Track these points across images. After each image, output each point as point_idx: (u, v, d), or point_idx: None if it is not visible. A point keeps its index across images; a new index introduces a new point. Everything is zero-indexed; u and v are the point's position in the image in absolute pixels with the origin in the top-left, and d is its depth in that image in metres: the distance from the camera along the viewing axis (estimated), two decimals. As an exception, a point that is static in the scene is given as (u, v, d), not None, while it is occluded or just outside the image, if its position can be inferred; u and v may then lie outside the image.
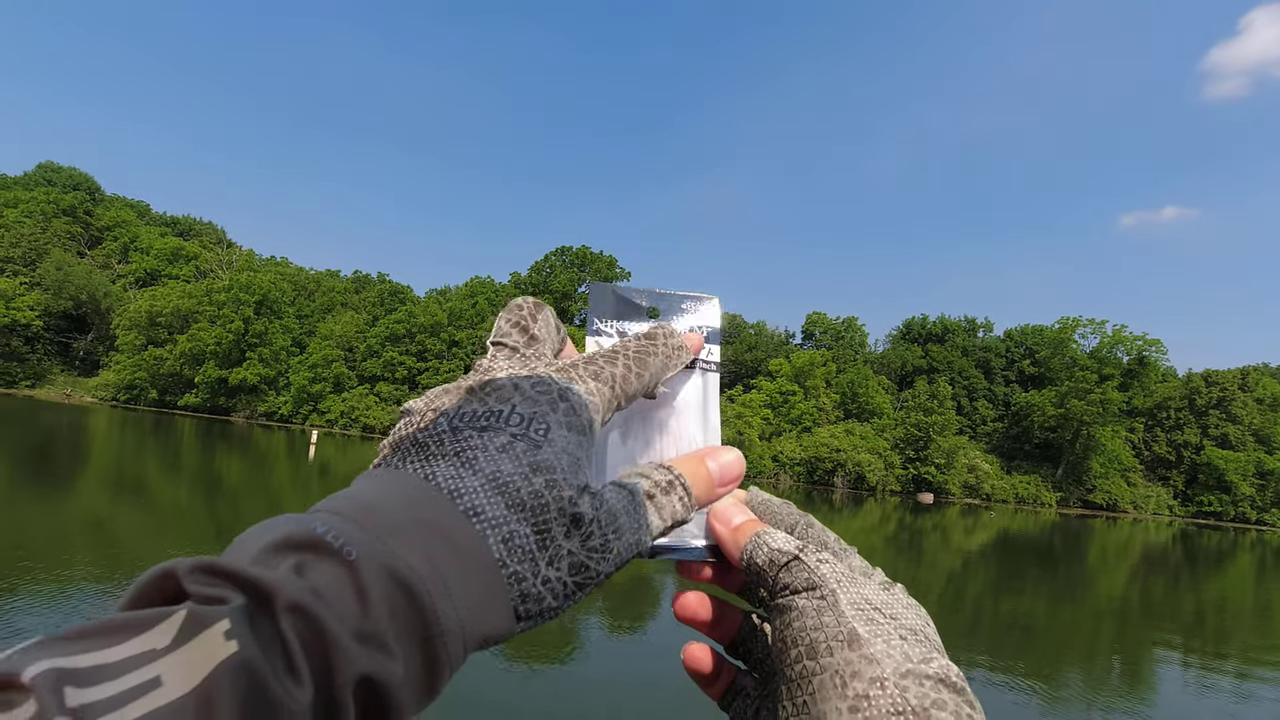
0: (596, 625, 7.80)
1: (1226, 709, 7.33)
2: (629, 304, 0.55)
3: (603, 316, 0.54)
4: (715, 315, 0.56)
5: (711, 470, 0.45)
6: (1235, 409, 54.11)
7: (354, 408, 51.22)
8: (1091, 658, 8.93)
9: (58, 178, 65.19)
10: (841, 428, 51.32)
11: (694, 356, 0.49)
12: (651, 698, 5.85)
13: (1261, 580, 21.01)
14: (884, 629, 0.38)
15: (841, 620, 0.38)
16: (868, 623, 0.38)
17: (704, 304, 0.56)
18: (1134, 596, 15.05)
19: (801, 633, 0.39)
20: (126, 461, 19.20)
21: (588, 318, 0.54)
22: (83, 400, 50.69)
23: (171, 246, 60.81)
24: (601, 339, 0.53)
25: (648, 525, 0.40)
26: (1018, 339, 62.39)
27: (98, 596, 6.43)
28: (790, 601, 0.41)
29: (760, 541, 0.44)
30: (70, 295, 53.02)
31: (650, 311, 0.55)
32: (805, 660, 0.37)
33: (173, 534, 9.96)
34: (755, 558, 0.44)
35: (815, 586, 0.40)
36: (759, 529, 0.45)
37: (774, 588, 0.43)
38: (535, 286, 64.87)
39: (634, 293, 0.56)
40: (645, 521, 0.40)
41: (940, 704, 0.33)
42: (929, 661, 0.36)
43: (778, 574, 0.43)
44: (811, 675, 0.37)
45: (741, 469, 0.47)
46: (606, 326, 0.54)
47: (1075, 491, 53.46)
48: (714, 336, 0.55)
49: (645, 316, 0.55)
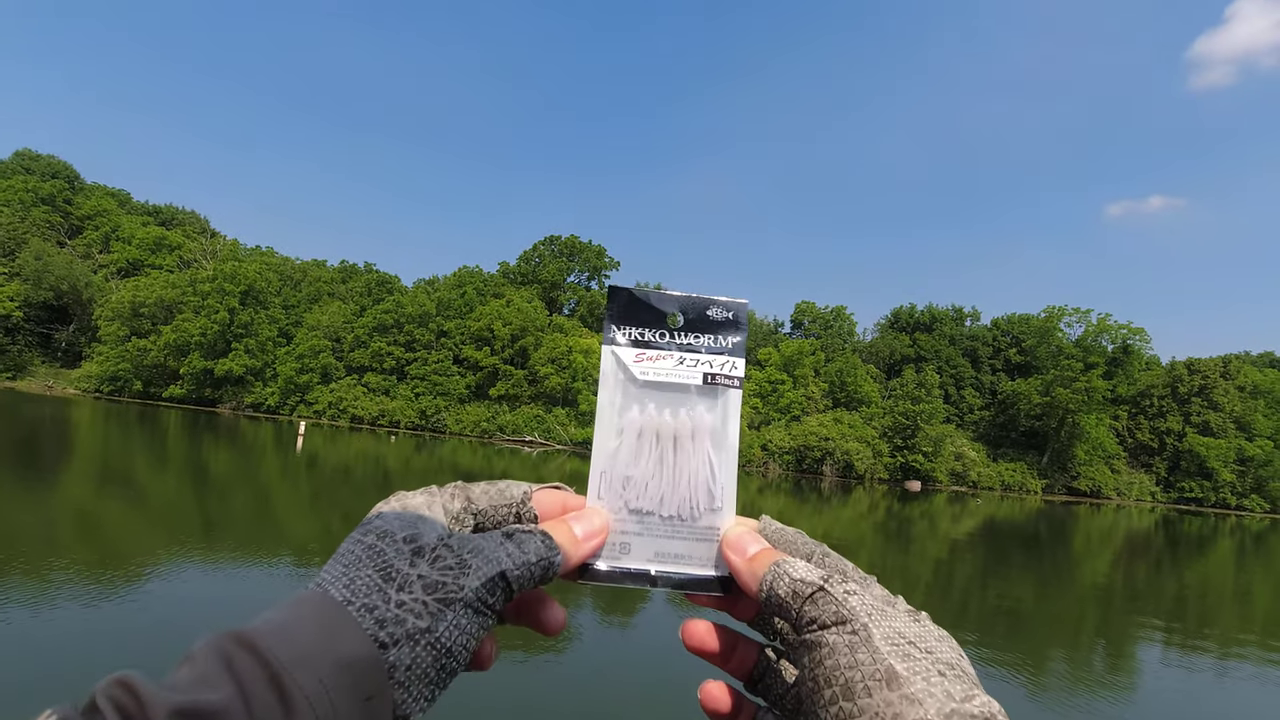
0: (588, 620, 7.81)
1: (1206, 688, 7.47)
2: (649, 308, 0.54)
3: (619, 323, 0.53)
4: (742, 320, 0.54)
5: (575, 528, 0.47)
6: (1217, 396, 54.96)
7: (342, 398, 50.87)
8: (1076, 641, 9.07)
9: (36, 166, 63.91)
10: (830, 416, 51.59)
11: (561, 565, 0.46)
12: (646, 693, 5.87)
13: (1241, 564, 21.41)
14: (922, 665, 0.36)
15: (877, 657, 0.36)
16: (904, 659, 0.36)
17: (731, 310, 0.54)
18: (1117, 581, 15.29)
19: (835, 671, 0.37)
20: (112, 453, 18.98)
21: (605, 323, 0.53)
22: (65, 392, 49.97)
23: (154, 236, 59.84)
24: (620, 350, 0.52)
25: (510, 552, 0.42)
26: (1005, 328, 62.88)
27: (82, 591, 6.36)
28: (819, 637, 0.40)
29: (781, 571, 0.43)
30: (50, 286, 52.13)
31: (671, 318, 0.54)
32: (841, 702, 0.36)
33: (160, 527, 9.86)
34: (776, 589, 0.43)
35: (845, 620, 0.39)
36: (777, 558, 0.44)
37: (799, 621, 0.41)
38: (524, 276, 64.51)
39: (656, 296, 0.54)
40: (508, 549, 0.42)
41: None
42: (970, 699, 0.35)
43: (802, 606, 0.41)
44: (850, 717, 0.36)
45: (605, 524, 0.49)
46: (621, 335, 0.53)
47: (1060, 478, 54.17)
48: (739, 349, 0.53)
49: (665, 323, 0.53)
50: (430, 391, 51.93)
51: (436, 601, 0.38)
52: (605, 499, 0.50)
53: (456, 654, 0.39)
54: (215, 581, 7.23)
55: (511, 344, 52.66)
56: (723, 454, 0.51)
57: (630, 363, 0.52)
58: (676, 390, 0.52)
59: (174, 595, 6.58)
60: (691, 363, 0.52)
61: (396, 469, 23.69)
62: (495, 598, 0.41)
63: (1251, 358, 65.36)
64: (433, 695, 0.38)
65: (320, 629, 0.34)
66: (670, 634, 7.60)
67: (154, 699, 0.27)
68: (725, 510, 0.50)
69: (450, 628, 0.38)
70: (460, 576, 0.39)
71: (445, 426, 50.54)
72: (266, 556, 8.51)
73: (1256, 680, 7.96)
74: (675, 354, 0.53)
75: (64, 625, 5.49)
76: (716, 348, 0.53)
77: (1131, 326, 55.73)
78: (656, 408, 0.51)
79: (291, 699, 0.31)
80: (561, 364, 50.38)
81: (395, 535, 0.41)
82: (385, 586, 0.38)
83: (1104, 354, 56.11)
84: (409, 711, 0.36)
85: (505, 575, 0.41)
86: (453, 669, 0.39)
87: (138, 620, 5.76)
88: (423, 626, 0.37)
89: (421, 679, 0.37)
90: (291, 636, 0.33)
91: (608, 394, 0.52)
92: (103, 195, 65.70)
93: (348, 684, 0.33)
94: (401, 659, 0.36)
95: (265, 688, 0.30)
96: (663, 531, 0.50)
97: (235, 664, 0.31)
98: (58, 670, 4.67)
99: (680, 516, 0.50)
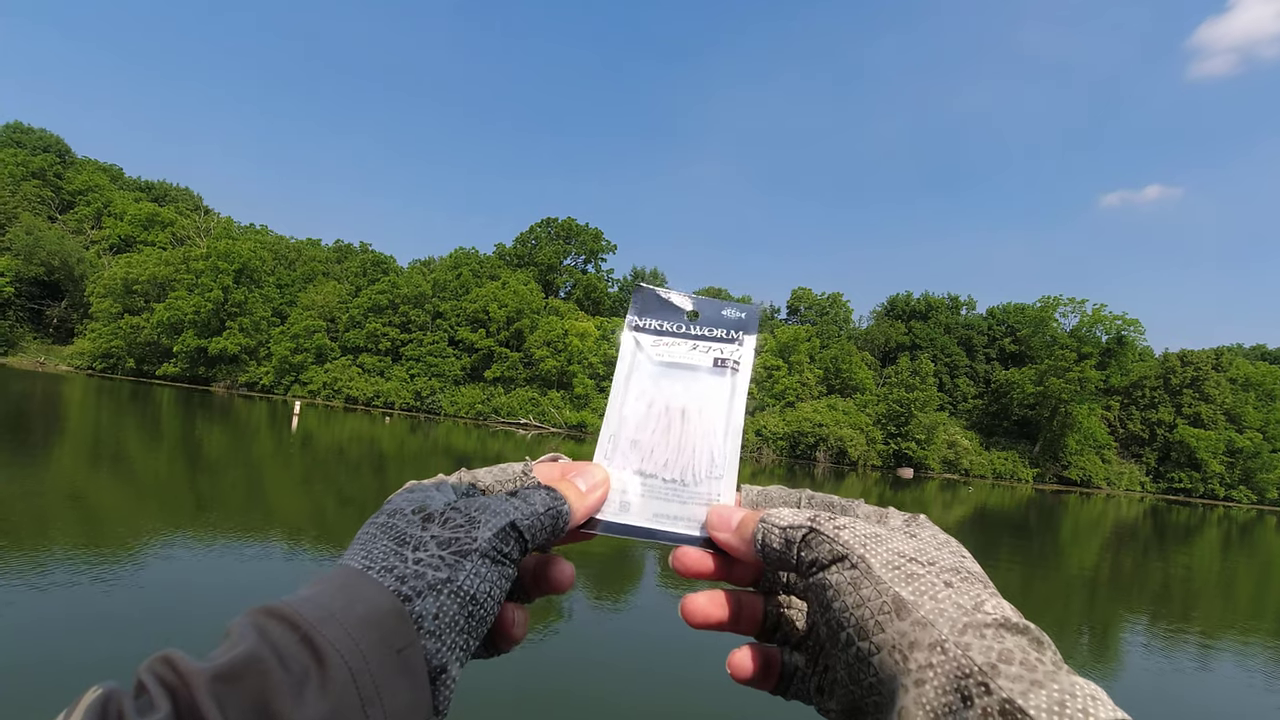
0: (580, 600, 7.86)
1: (1187, 672, 7.59)
2: (669, 306, 0.58)
3: (642, 314, 0.58)
4: (753, 320, 0.58)
5: (578, 482, 0.49)
6: (1208, 389, 55.30)
7: (336, 379, 50.78)
8: (1063, 627, 9.19)
9: (27, 139, 63.07)
10: (824, 403, 51.78)
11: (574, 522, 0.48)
12: (640, 675, 5.92)
13: (1227, 554, 21.67)
14: (926, 581, 0.36)
15: (881, 589, 0.36)
16: (908, 581, 0.36)
17: (744, 311, 0.58)
18: (1104, 569, 15.46)
19: (844, 613, 0.37)
20: (104, 430, 18.93)
21: (628, 315, 0.58)
22: (57, 368, 49.74)
23: (146, 212, 59.23)
24: (640, 335, 0.57)
25: (517, 505, 0.44)
26: (1000, 317, 63.00)
27: (73, 568, 6.36)
28: (822, 579, 0.40)
29: (769, 525, 0.43)
30: (42, 261, 51.67)
31: (690, 314, 0.58)
32: (859, 642, 0.36)
33: (154, 505, 9.86)
34: (770, 542, 0.43)
35: (843, 556, 0.39)
36: (762, 514, 0.45)
37: (800, 567, 0.41)
38: (520, 258, 64.19)
39: (677, 295, 0.58)
40: (515, 503, 0.44)
41: (1007, 656, 0.32)
42: (981, 605, 0.35)
43: (798, 552, 0.41)
44: (869, 655, 0.35)
45: (606, 477, 0.51)
46: (645, 323, 0.57)
47: (1051, 468, 54.58)
48: (749, 345, 0.57)
49: (684, 318, 0.58)
50: (425, 373, 51.86)
51: (452, 554, 0.39)
52: (612, 460, 0.53)
53: (482, 601, 0.39)
54: (208, 560, 7.24)
55: (507, 326, 52.54)
56: (728, 426, 0.53)
57: (648, 345, 0.57)
58: (688, 369, 0.56)
59: (166, 573, 6.59)
60: (704, 349, 0.57)
61: (391, 450, 23.69)
62: (510, 547, 0.42)
63: (1244, 350, 65.78)
64: (467, 645, 0.39)
65: (344, 592, 0.36)
66: (662, 618, 7.66)
67: (194, 670, 0.29)
68: (726, 478, 0.52)
69: (470, 575, 0.39)
70: (472, 530, 0.41)
71: (440, 408, 50.53)
72: (259, 536, 8.52)
73: (1236, 664, 8.10)
74: (689, 341, 0.57)
75: (55, 603, 5.50)
76: (728, 339, 0.57)
77: (1126, 317, 55.87)
78: (669, 382, 0.55)
79: (323, 652, 0.32)
80: (557, 347, 50.30)
81: (405, 510, 0.42)
82: (401, 549, 0.39)
83: (1098, 344, 56.27)
84: (445, 661, 0.37)
85: (516, 525, 0.42)
86: (481, 617, 0.39)
87: (129, 598, 5.78)
88: (443, 577, 0.38)
89: (451, 627, 0.37)
90: (317, 602, 0.35)
91: (624, 369, 0.56)
92: (94, 170, 64.96)
93: (376, 638, 0.34)
94: (427, 609, 0.37)
95: (297, 646, 0.32)
96: (664, 494, 0.51)
97: (267, 630, 0.32)
98: (50, 648, 4.68)
99: (683, 480, 0.52)
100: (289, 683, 0.30)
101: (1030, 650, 0.32)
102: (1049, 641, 0.33)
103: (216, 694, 0.29)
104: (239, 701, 0.29)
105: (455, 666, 0.38)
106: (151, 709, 0.28)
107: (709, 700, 5.23)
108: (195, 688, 0.28)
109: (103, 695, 0.28)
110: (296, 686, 0.30)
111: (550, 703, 4.99)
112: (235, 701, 0.29)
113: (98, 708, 0.27)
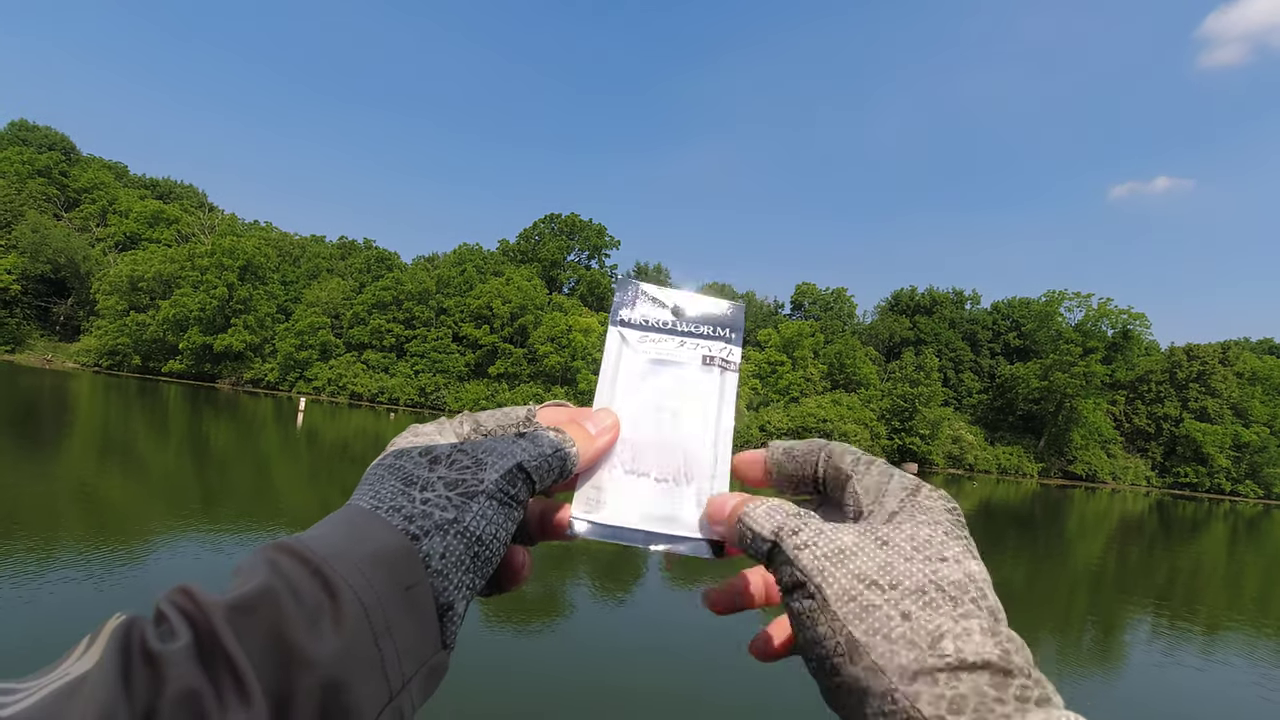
0: (584, 589, 7.89)
1: (1192, 665, 7.57)
2: (654, 301, 0.57)
3: (627, 309, 0.56)
4: (740, 318, 0.57)
5: (586, 425, 0.49)
6: (1215, 383, 55.03)
7: (341, 375, 50.91)
8: (1067, 621, 9.18)
9: (32, 137, 63.28)
10: (829, 398, 51.70)
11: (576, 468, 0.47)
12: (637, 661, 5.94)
13: (1233, 549, 21.61)
14: (881, 616, 0.34)
15: (835, 627, 0.35)
16: (862, 615, 0.34)
17: (730, 308, 0.57)
18: (1109, 563, 15.44)
19: (807, 646, 0.37)
20: (112, 426, 19.03)
21: (611, 309, 0.56)
22: (63, 365, 49.98)
23: (151, 210, 59.44)
24: (626, 330, 0.55)
25: (524, 447, 0.44)
26: (1005, 311, 62.78)
27: (82, 562, 6.41)
28: (787, 602, 0.39)
29: (744, 529, 0.42)
30: (48, 259, 51.88)
31: (675, 310, 0.56)
32: (830, 677, 0.35)
33: (161, 500, 9.92)
34: (745, 547, 0.42)
35: (801, 584, 0.38)
36: (741, 510, 0.43)
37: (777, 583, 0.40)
38: (524, 254, 64.20)
39: (662, 291, 0.57)
40: (522, 444, 0.44)
41: (958, 705, 0.30)
42: (939, 641, 0.32)
43: (767, 566, 0.41)
44: (838, 689, 0.35)
45: (615, 421, 0.51)
46: (630, 318, 0.55)
47: (1056, 462, 54.46)
48: (735, 341, 0.56)
49: (670, 313, 0.56)
50: (430, 369, 51.96)
51: (460, 495, 0.40)
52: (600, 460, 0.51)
53: (487, 542, 0.40)
54: (215, 554, 7.28)
55: (511, 322, 52.57)
56: (719, 426, 0.52)
57: (634, 342, 0.55)
58: (675, 366, 0.54)
59: (174, 567, 6.64)
60: (692, 346, 0.55)
61: (396, 445, 23.69)
62: (517, 489, 0.42)
63: (1251, 344, 65.34)
64: (473, 584, 0.39)
65: (353, 530, 0.37)
66: (662, 604, 7.68)
67: (212, 600, 0.30)
68: (719, 478, 0.50)
69: (477, 517, 0.39)
70: (479, 472, 0.41)
71: (444, 404, 50.61)
72: (265, 530, 8.57)
73: (1242, 657, 8.08)
74: (677, 338, 0.55)
75: (64, 596, 5.55)
76: (715, 336, 0.56)
77: (1132, 311, 55.67)
78: (657, 380, 0.53)
79: (334, 585, 0.33)
80: (561, 343, 50.33)
81: (412, 452, 0.43)
82: (409, 489, 0.40)
83: (1103, 339, 56.07)
84: (452, 599, 0.38)
85: (522, 466, 0.42)
86: (487, 558, 0.40)
87: (138, 591, 5.82)
88: (450, 518, 0.39)
89: (458, 566, 0.38)
90: (327, 539, 0.36)
91: (610, 365, 0.54)
92: (100, 167, 65.15)
93: (385, 574, 0.35)
94: (434, 548, 0.37)
95: (309, 580, 0.33)
96: (656, 494, 0.50)
97: (279, 565, 0.33)
98: (58, 641, 4.72)
99: (674, 481, 0.50)
100: (303, 615, 0.31)
101: (989, 691, 0.30)
102: (1021, 663, 0.31)
103: (234, 623, 0.29)
104: (255, 631, 0.30)
105: (461, 604, 0.38)
106: (172, 636, 0.28)
107: (730, 684, 5.24)
108: (214, 617, 0.29)
109: (125, 623, 0.29)
110: (311, 619, 0.31)
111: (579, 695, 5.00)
112: (251, 631, 0.30)
113: (120, 635, 0.28)
